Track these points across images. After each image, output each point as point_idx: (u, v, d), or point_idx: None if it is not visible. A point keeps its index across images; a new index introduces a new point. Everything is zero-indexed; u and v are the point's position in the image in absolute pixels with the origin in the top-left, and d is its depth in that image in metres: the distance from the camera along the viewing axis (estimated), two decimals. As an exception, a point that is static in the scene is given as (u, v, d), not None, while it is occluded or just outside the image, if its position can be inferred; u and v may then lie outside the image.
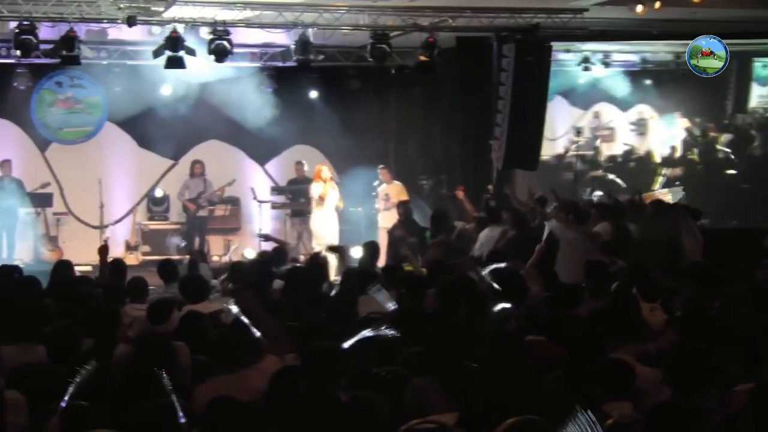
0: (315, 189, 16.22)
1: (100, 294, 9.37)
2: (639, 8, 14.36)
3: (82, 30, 15.08)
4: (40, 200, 17.45)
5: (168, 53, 14.74)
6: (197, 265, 11.48)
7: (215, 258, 17.26)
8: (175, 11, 14.36)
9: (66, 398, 5.29)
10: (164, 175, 18.94)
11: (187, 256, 13.70)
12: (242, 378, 6.18)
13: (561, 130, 20.97)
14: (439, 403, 5.71)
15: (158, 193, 18.71)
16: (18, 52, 14.59)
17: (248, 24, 15.04)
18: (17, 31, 14.14)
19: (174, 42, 14.57)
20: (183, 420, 5.00)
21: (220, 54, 14.61)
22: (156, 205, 18.70)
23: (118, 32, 15.59)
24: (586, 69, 19.42)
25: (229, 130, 18.71)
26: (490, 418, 4.94)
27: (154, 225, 18.30)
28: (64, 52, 14.64)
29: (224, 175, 18.14)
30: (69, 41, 14.43)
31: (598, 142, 21.48)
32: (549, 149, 19.80)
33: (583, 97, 21.39)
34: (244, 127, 18.42)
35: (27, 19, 14.07)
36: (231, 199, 18.58)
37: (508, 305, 7.87)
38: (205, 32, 14.84)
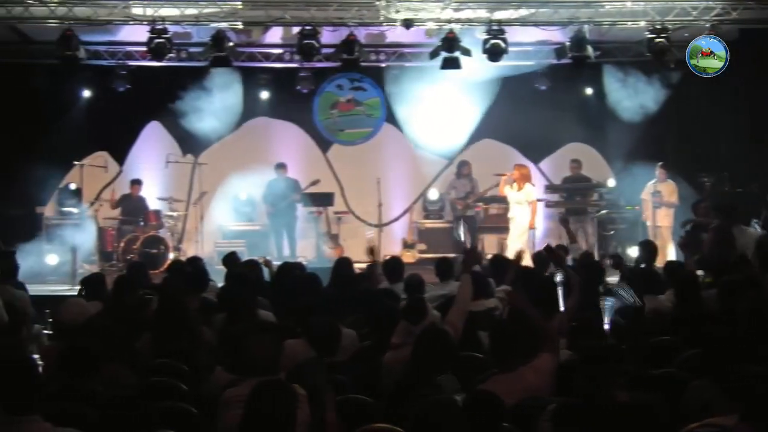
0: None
1: (378, 292, 9.59)
2: None
3: (361, 34, 15.50)
4: (322, 200, 18.05)
5: (444, 54, 14.91)
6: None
7: (489, 257, 17.25)
8: (450, 12, 14.52)
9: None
10: (439, 174, 19.18)
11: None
12: (518, 376, 6.15)
13: None
14: (719, 406, 5.50)
15: (433, 194, 18.95)
16: (301, 57, 15.18)
17: (523, 23, 14.99)
18: (300, 36, 14.69)
19: (450, 43, 14.73)
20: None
21: (495, 53, 14.63)
22: (431, 204, 18.96)
23: (396, 35, 15.90)
24: None
25: (503, 128, 18.72)
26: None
27: (430, 223, 18.54)
28: (344, 56, 15.08)
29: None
30: (349, 45, 14.86)
31: None
32: None
33: None
34: (519, 126, 18.39)
35: (309, 24, 14.59)
36: (505, 197, 18.54)
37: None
38: (480, 32, 14.89)
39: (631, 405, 5.25)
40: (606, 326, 7.00)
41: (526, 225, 15.57)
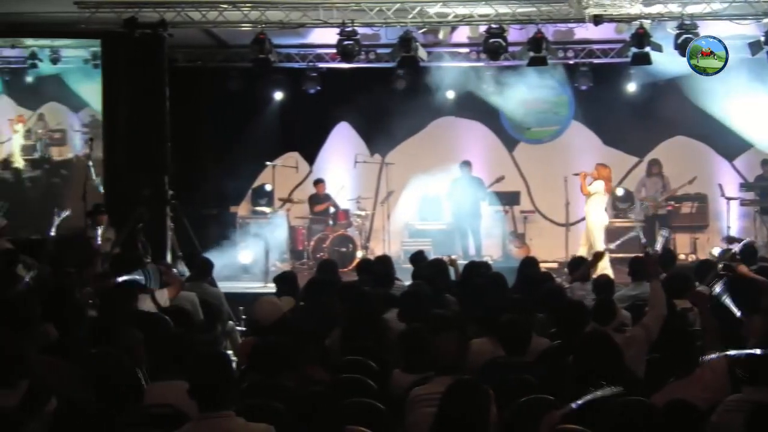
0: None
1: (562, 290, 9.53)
2: None
3: (549, 31, 15.36)
4: (508, 199, 17.99)
5: (634, 50, 14.64)
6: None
7: (681, 256, 16.86)
8: (641, 7, 14.24)
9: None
10: (629, 172, 18.81)
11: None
12: (696, 378, 6.00)
13: None
14: None
15: (619, 191, 18.63)
16: (487, 56, 15.15)
17: (716, 17, 14.55)
18: (487, 34, 14.67)
19: (640, 38, 14.44)
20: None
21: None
22: (621, 203, 18.64)
23: (584, 31, 15.69)
24: None
25: (696, 125, 18.21)
26: None
27: (620, 222, 18.20)
28: (531, 54, 14.96)
29: (690, 172, 17.69)
30: (537, 42, 14.74)
31: None
32: None
33: None
34: (713, 123, 17.87)
35: (497, 23, 14.56)
36: (698, 195, 18.10)
37: None
38: (671, 27, 14.55)
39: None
40: None
41: (597, 222, 15.64)
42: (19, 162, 19.01)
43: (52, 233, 11.30)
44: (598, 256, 11.39)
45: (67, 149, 17.92)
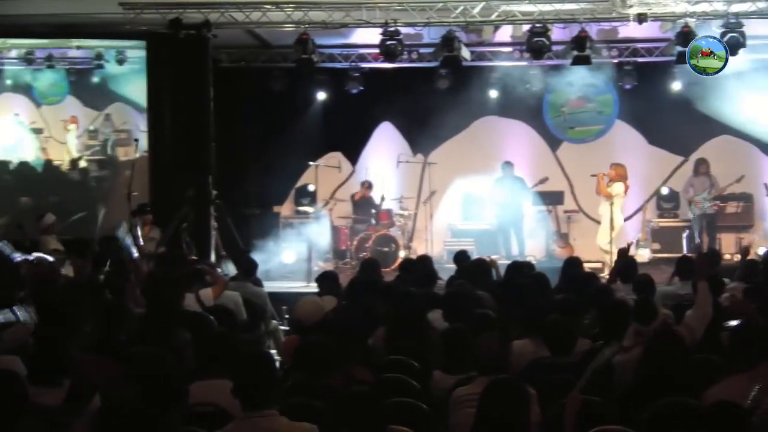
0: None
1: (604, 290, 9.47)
2: None
3: (593, 30, 15.28)
4: (552, 198, 17.91)
5: (679, 48, 14.55)
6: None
7: (726, 256, 16.71)
8: (686, 6, 14.14)
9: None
10: (674, 172, 18.66)
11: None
12: (756, 375, 5.93)
13: None
14: None
15: (664, 190, 18.51)
16: (531, 55, 15.10)
17: (762, 15, 14.41)
18: (530, 33, 14.61)
19: (685, 37, 14.34)
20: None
21: (733, 47, 14.15)
22: (666, 203, 18.51)
23: (629, 30, 15.59)
24: None
25: (741, 124, 17.98)
26: None
27: (664, 222, 18.10)
28: (575, 53, 14.90)
29: (735, 171, 17.49)
30: (581, 41, 14.68)
31: None
32: None
33: None
34: (758, 122, 17.68)
35: (539, 22, 14.50)
36: (743, 195, 17.91)
37: None
38: (717, 25, 14.43)
39: None
40: None
41: (617, 224, 15.75)
42: (81, 162, 19.23)
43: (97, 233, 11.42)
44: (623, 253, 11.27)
45: (133, 149, 18.09)
